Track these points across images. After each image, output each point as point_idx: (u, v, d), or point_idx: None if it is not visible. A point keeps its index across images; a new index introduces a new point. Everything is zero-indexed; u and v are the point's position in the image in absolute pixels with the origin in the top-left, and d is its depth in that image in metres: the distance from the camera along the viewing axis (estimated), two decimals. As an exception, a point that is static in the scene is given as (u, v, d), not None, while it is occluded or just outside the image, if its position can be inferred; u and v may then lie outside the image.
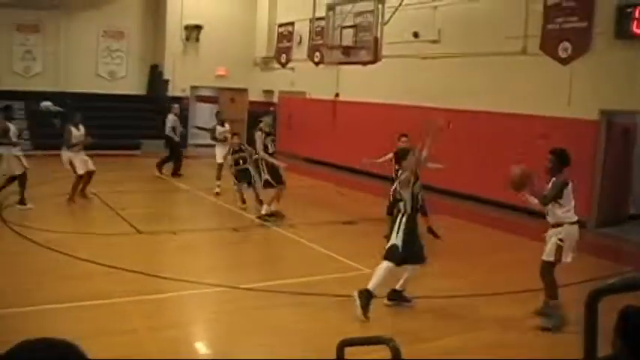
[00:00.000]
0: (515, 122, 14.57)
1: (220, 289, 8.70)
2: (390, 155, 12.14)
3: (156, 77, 26.13)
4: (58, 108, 23.01)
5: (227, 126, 17.18)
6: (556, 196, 7.88)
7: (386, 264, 8.00)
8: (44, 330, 1.73)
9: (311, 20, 18.71)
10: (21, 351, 1.49)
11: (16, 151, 13.27)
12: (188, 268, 9.58)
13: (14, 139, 13.20)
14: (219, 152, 16.15)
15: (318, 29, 18.62)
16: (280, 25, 24.79)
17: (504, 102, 14.89)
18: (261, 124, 13.48)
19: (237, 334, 7.34)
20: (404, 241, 8.05)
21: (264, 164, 13.21)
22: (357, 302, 7.60)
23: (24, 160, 13.32)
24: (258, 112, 23.64)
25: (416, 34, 17.54)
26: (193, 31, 25.52)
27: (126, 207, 13.54)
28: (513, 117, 14.62)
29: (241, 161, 14.11)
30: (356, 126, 19.61)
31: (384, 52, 14.50)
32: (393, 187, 11.28)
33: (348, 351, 3.98)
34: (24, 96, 22.91)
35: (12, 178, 13.17)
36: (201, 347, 7.21)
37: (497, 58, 15.09)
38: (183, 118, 24.81)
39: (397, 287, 8.24)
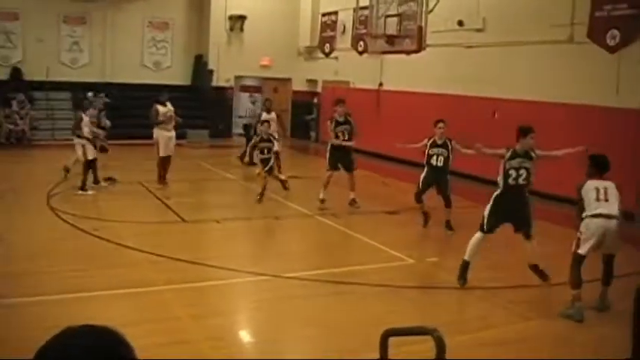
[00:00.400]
0: (562, 112, 14.37)
1: (263, 277, 8.73)
2: (426, 141, 12.06)
3: (200, 67, 26.29)
4: (104, 98, 23.28)
5: (273, 114, 17.16)
6: (580, 200, 8.20)
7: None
8: (90, 317, 1.75)
9: (355, 9, 18.69)
10: (64, 337, 1.50)
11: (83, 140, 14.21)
12: (231, 257, 9.63)
13: (86, 129, 14.15)
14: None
15: (362, 18, 18.58)
16: (324, 15, 24.76)
17: (550, 91, 14.69)
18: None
19: (279, 323, 7.37)
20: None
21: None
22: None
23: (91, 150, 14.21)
24: (301, 102, 23.78)
25: (460, 23, 17.37)
26: (237, 21, 25.60)
27: (171, 196, 13.67)
28: (560, 106, 14.41)
29: (265, 150, 14.01)
30: (400, 115, 19.54)
31: (428, 41, 14.44)
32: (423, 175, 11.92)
33: (392, 341, 3.97)
34: (71, 87, 23.28)
35: (88, 163, 14.01)
36: (245, 335, 7.25)
37: (543, 47, 14.87)
38: (227, 108, 25.03)
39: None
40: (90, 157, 14.07)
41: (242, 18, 25.54)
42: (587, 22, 13.95)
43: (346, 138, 13.55)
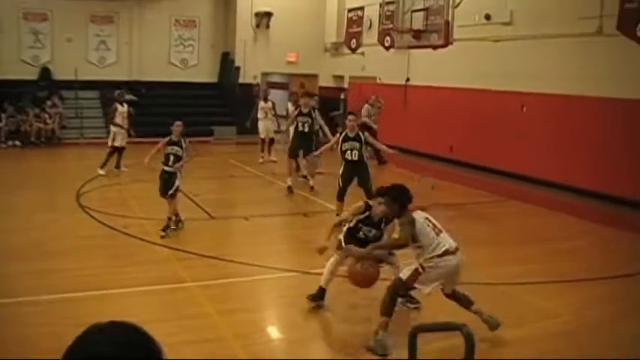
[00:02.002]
0: (592, 105, 14.22)
1: (292, 274, 8.75)
2: (338, 136, 12.29)
3: (227, 64, 26.37)
4: (132, 97, 23.45)
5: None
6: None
7: None
8: (118, 314, 1.76)
9: (381, 4, 18.63)
10: (93, 334, 1.51)
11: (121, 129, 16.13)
12: (260, 253, 9.66)
13: (119, 120, 16.05)
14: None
15: (388, 13, 18.50)
16: (350, 10, 24.68)
17: (579, 85, 14.53)
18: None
19: (307, 319, 7.38)
20: None
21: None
22: None
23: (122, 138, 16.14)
24: (328, 98, 23.74)
25: (488, 17, 17.23)
26: (264, 17, 25.64)
27: (199, 193, 13.73)
28: (589, 100, 14.26)
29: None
30: (427, 111, 19.46)
31: (455, 36, 14.34)
32: None
33: (420, 338, 3.96)
34: (99, 85, 23.48)
35: (114, 149, 15.90)
36: (274, 331, 7.27)
37: (572, 40, 14.71)
38: (253, 105, 25.08)
39: None
40: (117, 144, 15.90)
41: (268, 14, 25.57)
42: (616, 13, 13.76)
43: (306, 130, 14.79)
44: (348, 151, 11.54)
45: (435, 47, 14.72)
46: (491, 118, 16.83)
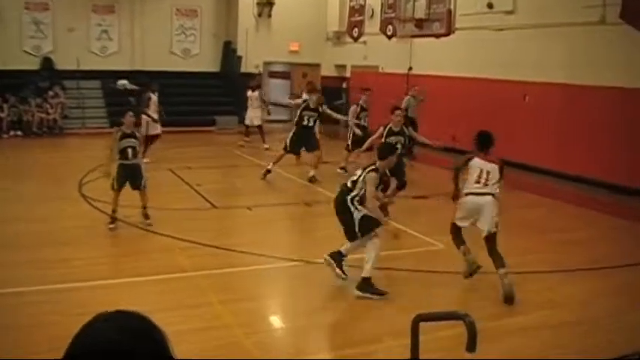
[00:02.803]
0: (595, 95, 14.19)
1: (294, 263, 8.76)
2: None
3: (229, 54, 26.32)
4: (133, 86, 23.45)
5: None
6: (459, 169, 8.55)
7: None
8: (122, 303, 1.76)
9: (383, -7, 18.55)
10: (99, 322, 1.51)
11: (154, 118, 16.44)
12: (263, 243, 9.67)
13: (152, 109, 16.42)
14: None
15: (391, 2, 18.48)
16: (352, -1, 24.63)
17: (582, 74, 14.49)
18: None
19: (310, 308, 7.39)
20: None
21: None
22: None
23: (159, 126, 16.58)
24: (330, 88, 23.71)
25: (490, 5, 17.17)
26: (265, 6, 25.57)
27: (202, 182, 13.73)
28: (592, 89, 14.23)
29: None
30: (430, 100, 19.41)
31: (457, 24, 14.32)
32: None
33: (423, 327, 3.96)
34: (101, 75, 23.48)
35: (149, 138, 15.73)
36: (275, 320, 7.28)
37: (575, 29, 14.66)
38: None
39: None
40: (151, 133, 16.03)
41: (270, 3, 25.51)
42: (619, 2, 13.70)
43: (310, 125, 14.70)
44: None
45: (437, 36, 14.71)
46: (494, 108, 16.79)
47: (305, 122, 14.67)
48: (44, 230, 9.82)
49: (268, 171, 14.51)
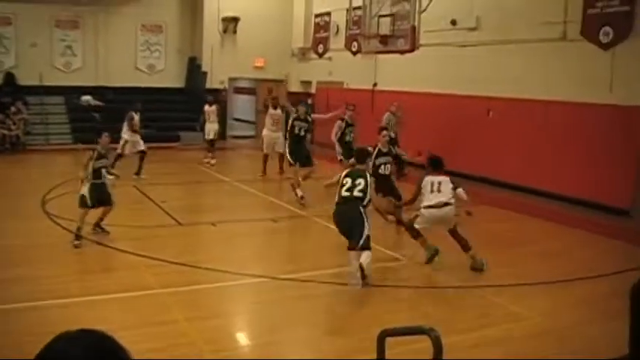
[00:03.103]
0: (556, 110, 14.40)
1: (260, 279, 8.73)
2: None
3: (194, 69, 26.28)
4: (98, 102, 23.29)
5: (278, 110, 17.61)
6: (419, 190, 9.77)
7: None
8: (87, 321, 1.75)
9: (348, 10, 18.70)
10: (62, 342, 1.50)
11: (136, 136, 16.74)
12: (228, 259, 9.63)
13: (135, 127, 16.66)
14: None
15: (355, 18, 18.60)
16: (317, 15, 24.74)
17: (545, 89, 14.71)
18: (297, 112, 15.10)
19: (277, 324, 7.37)
20: None
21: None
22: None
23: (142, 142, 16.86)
24: (296, 103, 23.73)
25: (454, 22, 17.38)
26: (230, 22, 25.58)
27: (166, 199, 13.65)
28: (554, 104, 14.44)
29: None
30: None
31: (421, 41, 14.43)
32: None
33: (389, 341, 3.97)
34: (64, 91, 23.30)
35: (139, 154, 16.60)
36: (242, 337, 7.25)
37: (537, 45, 14.89)
38: (222, 110, 25.08)
39: None
40: (138, 149, 16.69)
41: (235, 20, 25.52)
42: (580, 19, 13.97)
43: (302, 134, 15.00)
44: (382, 166, 11.61)
45: (402, 52, 14.79)
46: (458, 123, 16.95)
47: (297, 132, 14.85)
48: (5, 248, 9.67)
49: (302, 197, 14.03)
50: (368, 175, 8.88)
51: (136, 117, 17.12)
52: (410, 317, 7.13)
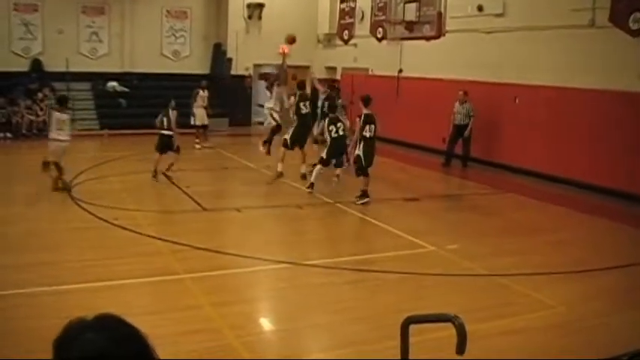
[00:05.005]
0: (584, 97, 14.26)
1: (283, 265, 8.75)
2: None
3: (219, 56, 26.30)
4: (124, 88, 23.42)
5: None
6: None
7: None
8: (110, 306, 1.75)
9: (373, -4, 18.57)
10: (81, 329, 1.51)
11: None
12: (252, 245, 9.65)
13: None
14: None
15: (381, 5, 18.50)
16: (342, 1, 24.62)
17: (572, 77, 14.56)
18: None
19: (300, 310, 7.38)
20: None
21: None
22: None
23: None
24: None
25: (480, 8, 17.23)
26: (256, 9, 25.57)
27: (190, 184, 13.70)
28: (581, 92, 14.30)
29: None
30: (420, 102, 19.47)
31: (447, 27, 14.34)
32: None
33: (413, 329, 3.96)
34: (91, 77, 23.44)
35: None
36: (266, 323, 7.27)
37: (564, 32, 14.73)
38: (247, 97, 25.10)
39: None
40: (200, 123, 18.82)
41: (260, 6, 25.51)
42: (608, 5, 13.78)
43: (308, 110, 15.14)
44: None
45: (427, 39, 14.72)
46: (484, 110, 16.85)
47: (303, 111, 14.94)
48: (33, 232, 9.78)
49: (280, 173, 14.55)
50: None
51: (202, 93, 19.52)
52: (433, 305, 7.10)
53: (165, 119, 14.39)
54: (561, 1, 14.84)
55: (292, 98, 15.60)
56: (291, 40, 16.97)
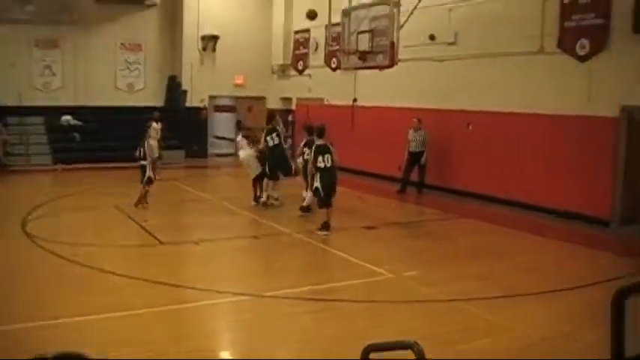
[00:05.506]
0: (536, 122, 14.51)
1: (243, 297, 8.70)
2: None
3: (174, 88, 26.25)
4: (77, 122, 23.23)
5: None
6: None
7: None
8: (69, 343, 1.74)
9: (327, 26, 18.75)
10: None
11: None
12: (211, 278, 9.59)
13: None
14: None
15: (334, 35, 18.65)
16: (296, 32, 24.86)
17: (523, 102, 14.83)
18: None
19: (261, 342, 7.33)
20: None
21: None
22: None
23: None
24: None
25: (432, 37, 17.51)
26: (210, 41, 25.64)
27: (148, 218, 13.61)
28: (532, 117, 14.56)
29: None
30: (375, 131, 19.62)
31: (400, 56, 14.49)
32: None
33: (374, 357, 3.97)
34: (44, 111, 23.21)
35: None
36: (226, 356, 7.21)
37: (515, 58, 15.03)
38: (203, 129, 25.06)
39: None
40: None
41: (215, 38, 25.58)
42: (556, 32, 14.12)
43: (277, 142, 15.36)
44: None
45: (381, 68, 14.85)
46: (438, 136, 17.04)
47: (270, 144, 15.18)
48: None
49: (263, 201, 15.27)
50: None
51: (155, 125, 18.84)
52: (393, 332, 7.11)
53: (140, 150, 14.47)
54: (511, 28, 15.15)
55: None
56: (312, 15, 17.54)
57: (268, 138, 15.20)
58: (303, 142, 14.95)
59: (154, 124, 19.72)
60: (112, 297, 8.55)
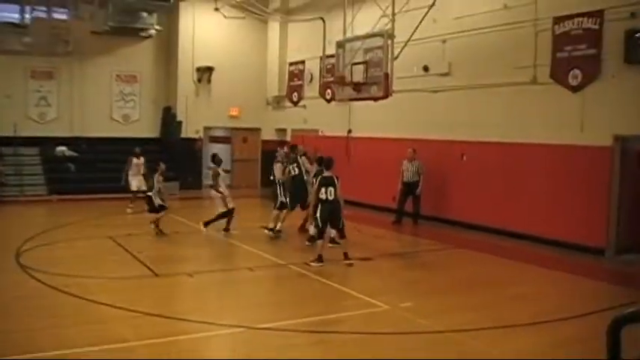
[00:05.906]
0: (529, 151, 14.58)
1: (238, 329, 8.64)
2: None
3: (169, 119, 26.31)
4: (73, 153, 23.24)
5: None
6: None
7: None
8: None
9: (321, 58, 18.89)
10: None
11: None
12: (205, 310, 9.54)
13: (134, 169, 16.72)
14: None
15: (329, 66, 18.76)
16: (291, 64, 25.00)
17: (516, 132, 14.91)
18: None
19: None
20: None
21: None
22: None
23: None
24: (271, 151, 23.84)
25: (426, 68, 17.64)
26: (205, 72, 25.78)
27: (142, 250, 13.55)
28: (526, 147, 14.62)
29: None
30: (369, 161, 19.68)
31: (394, 87, 14.57)
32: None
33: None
34: (39, 142, 23.22)
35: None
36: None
37: (508, 89, 15.14)
38: (197, 160, 25.06)
39: None
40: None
41: (210, 69, 25.73)
42: (549, 63, 14.24)
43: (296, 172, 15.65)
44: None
45: (375, 99, 14.91)
46: (433, 167, 17.09)
47: (292, 173, 15.56)
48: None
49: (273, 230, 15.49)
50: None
51: (135, 160, 19.48)
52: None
53: (149, 181, 15.41)
54: (504, 59, 15.27)
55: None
56: None
57: (290, 167, 15.51)
58: (312, 173, 14.95)
59: (135, 159, 19.85)
60: (104, 329, 8.48)
